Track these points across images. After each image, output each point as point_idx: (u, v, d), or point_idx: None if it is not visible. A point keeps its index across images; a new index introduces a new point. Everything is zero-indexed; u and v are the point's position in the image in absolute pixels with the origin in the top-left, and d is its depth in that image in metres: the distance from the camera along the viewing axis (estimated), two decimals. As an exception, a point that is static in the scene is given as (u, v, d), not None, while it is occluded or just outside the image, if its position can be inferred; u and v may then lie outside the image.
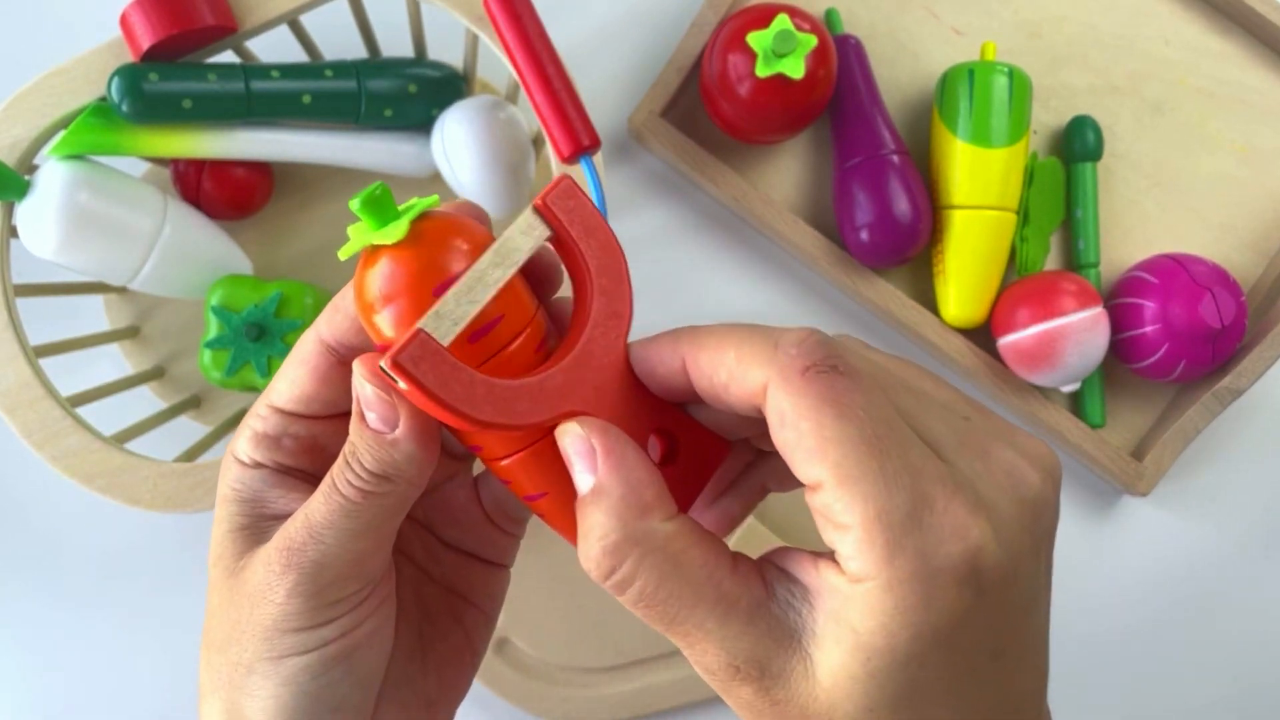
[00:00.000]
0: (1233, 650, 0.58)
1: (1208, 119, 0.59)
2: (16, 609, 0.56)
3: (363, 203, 0.25)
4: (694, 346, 0.26)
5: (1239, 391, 0.54)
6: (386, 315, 0.25)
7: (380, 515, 0.27)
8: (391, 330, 0.25)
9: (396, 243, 0.25)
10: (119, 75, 0.45)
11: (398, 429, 0.26)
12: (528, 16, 0.43)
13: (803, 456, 0.23)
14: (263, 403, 0.29)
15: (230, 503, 0.29)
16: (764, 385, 0.24)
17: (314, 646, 0.27)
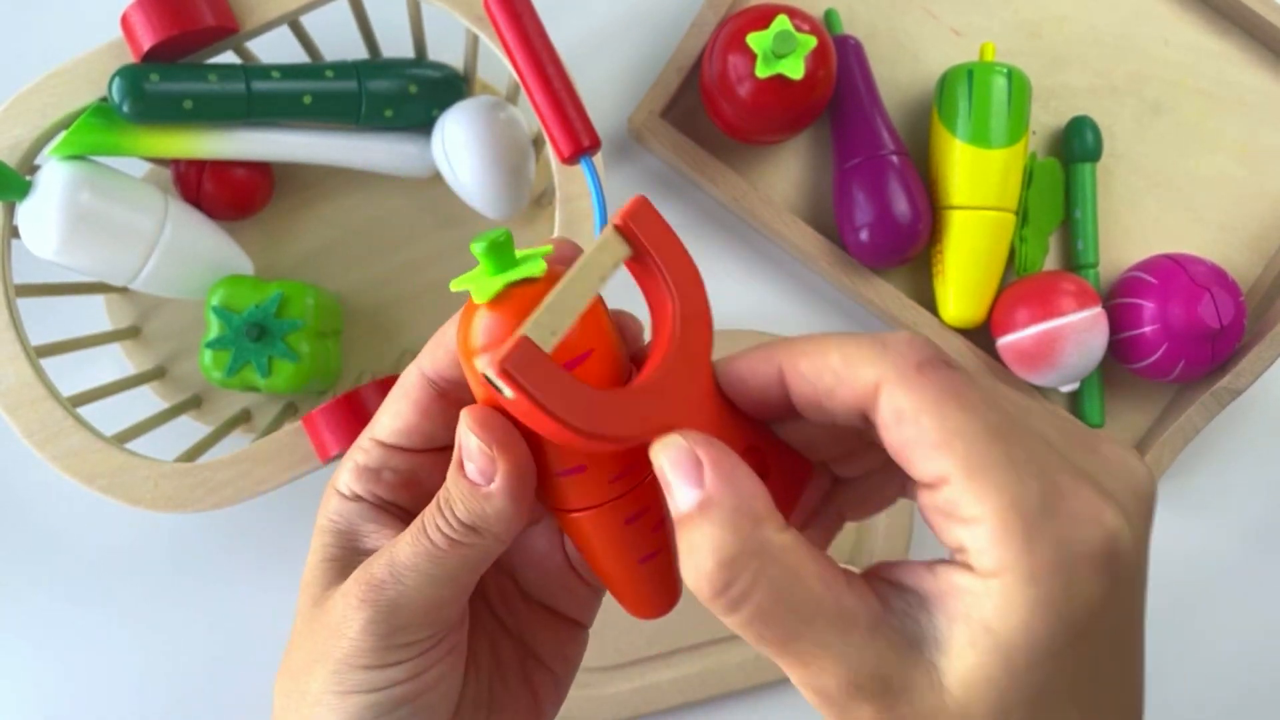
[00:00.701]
0: (1233, 649, 0.58)
1: (1207, 119, 0.59)
2: (17, 609, 0.56)
3: (486, 248, 0.25)
4: (791, 354, 0.25)
5: (1238, 391, 0.54)
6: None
7: (463, 566, 0.27)
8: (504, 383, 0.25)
9: (515, 288, 0.25)
10: (120, 76, 0.45)
11: (494, 483, 0.26)
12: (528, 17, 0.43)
13: (925, 452, 0.22)
14: (366, 436, 0.29)
15: (326, 534, 0.29)
16: (875, 385, 0.23)
17: (381, 686, 0.27)
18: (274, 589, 0.56)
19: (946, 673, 0.22)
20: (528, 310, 0.24)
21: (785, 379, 0.25)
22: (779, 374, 0.25)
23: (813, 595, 0.23)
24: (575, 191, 0.46)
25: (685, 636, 0.55)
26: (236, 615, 0.57)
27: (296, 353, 0.50)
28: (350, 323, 0.56)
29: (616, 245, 0.26)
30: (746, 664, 0.55)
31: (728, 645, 0.55)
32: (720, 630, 0.55)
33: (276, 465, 0.45)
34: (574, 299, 0.24)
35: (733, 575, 0.23)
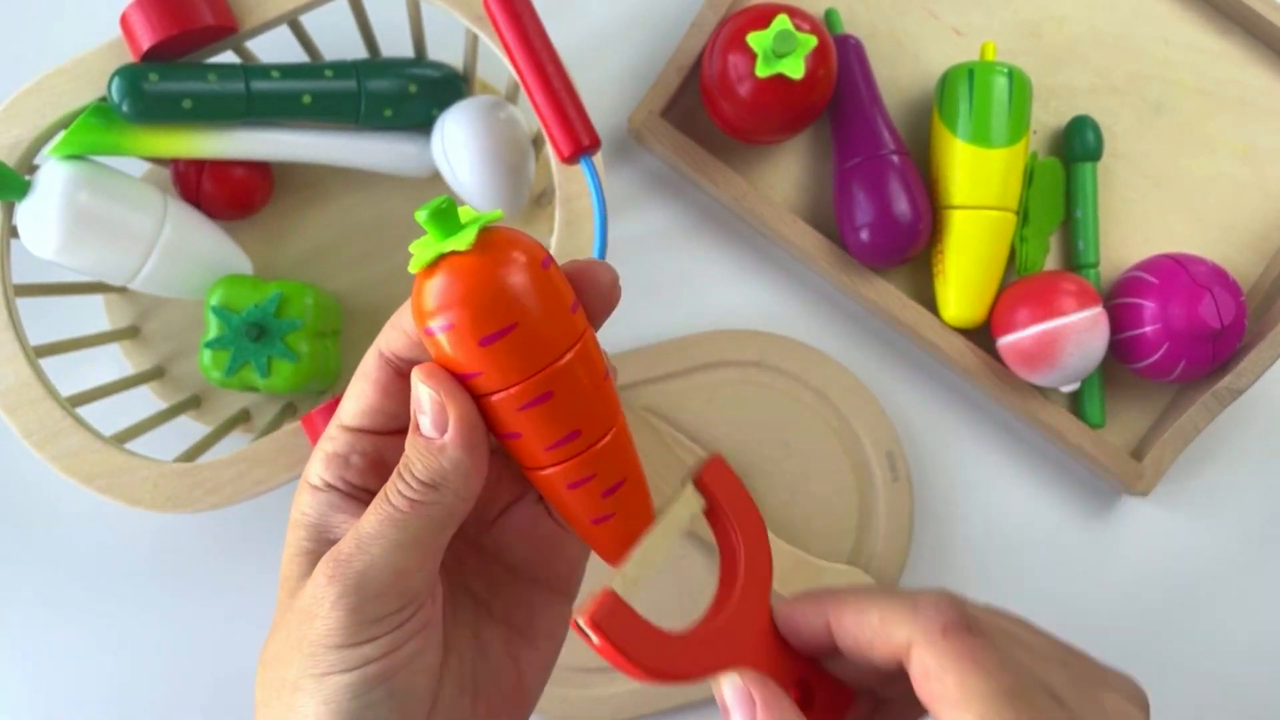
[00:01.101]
0: (1233, 649, 0.58)
1: (1208, 119, 0.59)
2: (17, 609, 0.56)
3: (430, 214, 0.26)
4: (838, 609, 0.29)
5: (1239, 391, 0.54)
6: (441, 321, 0.26)
7: (427, 528, 0.28)
8: (444, 337, 0.26)
9: (463, 251, 0.26)
10: (119, 75, 0.45)
11: (448, 434, 0.27)
12: (528, 16, 0.43)
13: (949, 707, 0.26)
14: (333, 425, 0.30)
15: (299, 527, 0.30)
16: (907, 643, 0.27)
17: (355, 665, 0.27)
18: (274, 588, 0.56)
19: None
20: (462, 275, 0.26)
21: (832, 629, 0.30)
22: (826, 624, 0.30)
23: None
24: (575, 191, 0.46)
25: (685, 637, 0.55)
26: (237, 614, 0.57)
27: (296, 352, 0.50)
28: (349, 323, 0.56)
29: (694, 500, 0.30)
30: (747, 664, 0.55)
31: (728, 646, 0.55)
32: (720, 630, 0.55)
33: (276, 465, 0.45)
34: (658, 555, 0.29)
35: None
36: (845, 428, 0.56)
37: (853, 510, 0.56)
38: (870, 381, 0.58)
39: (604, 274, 0.29)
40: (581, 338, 0.27)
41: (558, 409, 0.27)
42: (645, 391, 0.56)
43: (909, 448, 0.58)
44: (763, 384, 0.56)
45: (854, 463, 0.56)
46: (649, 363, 0.56)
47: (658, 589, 0.29)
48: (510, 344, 0.26)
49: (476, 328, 0.26)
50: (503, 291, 0.26)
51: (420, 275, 0.27)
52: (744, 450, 0.56)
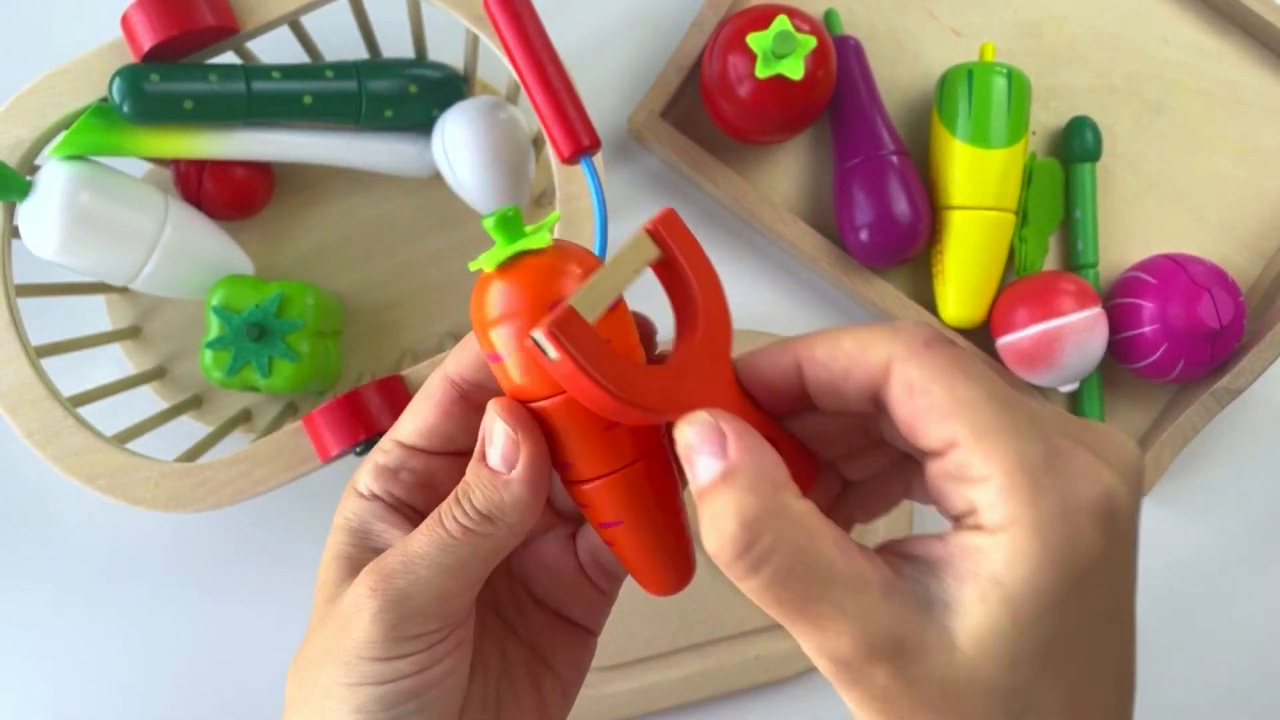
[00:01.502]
0: (1232, 648, 0.58)
1: (1206, 119, 0.59)
2: (17, 609, 0.56)
3: (496, 221, 0.27)
4: (807, 343, 0.27)
5: (1237, 391, 0.54)
6: (503, 331, 0.27)
7: (475, 557, 0.28)
8: (504, 347, 0.27)
9: (524, 259, 0.27)
10: (120, 76, 0.45)
11: (515, 470, 0.27)
12: (528, 17, 0.43)
13: (936, 418, 0.24)
14: (388, 438, 0.30)
15: (340, 531, 0.30)
16: (886, 363, 0.25)
17: (389, 679, 0.27)
18: (274, 588, 0.57)
19: (957, 632, 0.23)
20: (537, 279, 0.26)
21: (801, 367, 0.27)
22: (795, 364, 0.27)
23: (829, 558, 0.24)
24: (575, 191, 0.46)
25: (685, 636, 0.55)
26: (237, 614, 0.57)
27: (296, 353, 0.50)
28: (350, 323, 0.56)
29: (647, 246, 0.28)
30: (746, 664, 0.55)
31: (728, 645, 0.55)
32: (720, 630, 0.55)
33: (277, 465, 0.45)
34: (611, 283, 0.26)
35: (754, 536, 0.24)
36: (845, 427, 0.56)
37: (852, 510, 0.56)
38: (870, 381, 0.58)
39: (646, 326, 0.30)
40: (636, 347, 0.28)
41: (620, 435, 0.27)
42: (645, 391, 0.56)
43: (908, 447, 0.58)
44: (762, 384, 0.57)
45: (854, 462, 0.56)
46: (649, 363, 0.56)
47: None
48: None
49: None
50: (560, 298, 0.26)
51: (479, 284, 0.27)
52: (744, 450, 0.56)
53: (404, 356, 0.56)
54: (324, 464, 0.45)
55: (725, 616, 0.55)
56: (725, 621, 0.55)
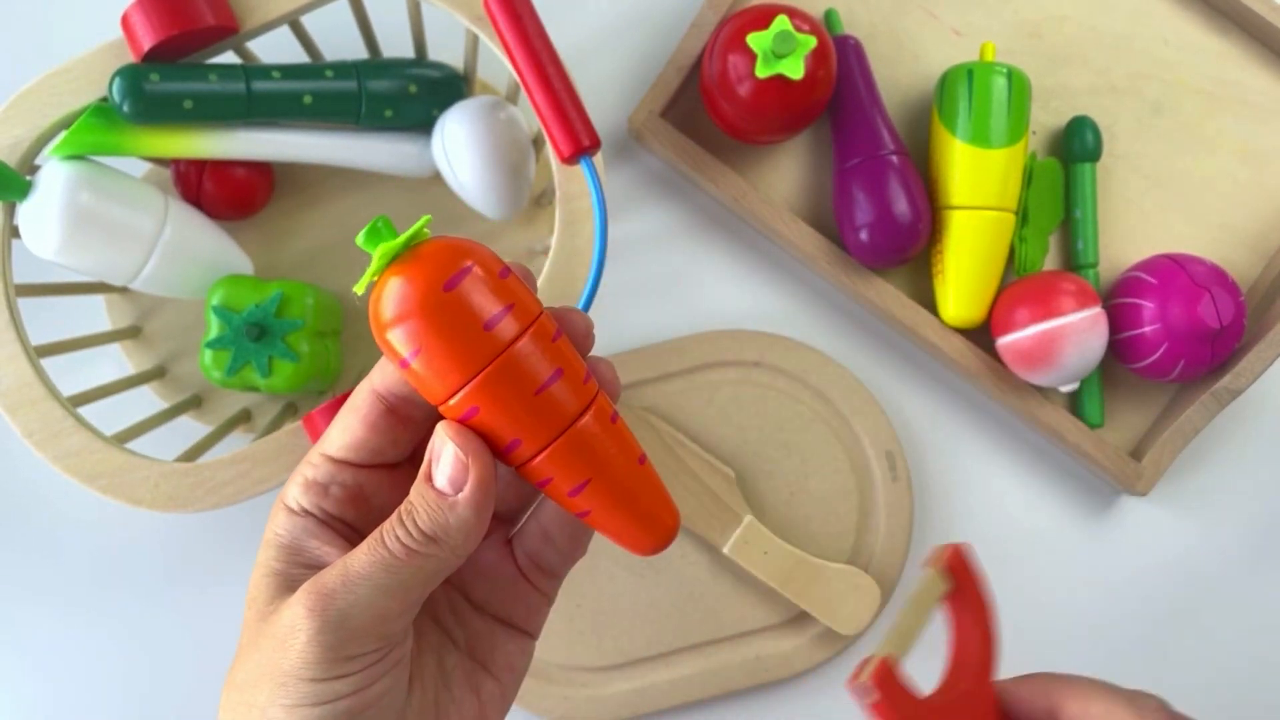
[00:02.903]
0: (1231, 649, 0.58)
1: (1207, 119, 0.59)
2: (18, 609, 0.56)
3: (366, 235, 0.28)
4: (1062, 694, 0.34)
5: (1237, 391, 0.54)
6: (399, 332, 0.27)
7: (417, 578, 0.28)
8: (404, 348, 0.27)
9: (401, 259, 0.28)
10: (120, 76, 0.45)
11: (462, 492, 0.27)
12: (528, 17, 0.43)
13: None
14: (315, 451, 0.30)
15: (271, 547, 0.30)
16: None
17: (327, 699, 0.27)
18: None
19: None
20: (417, 271, 0.27)
21: (1056, 712, 0.34)
22: (1049, 707, 0.34)
23: None
24: (575, 191, 0.46)
25: (685, 636, 0.55)
26: (237, 614, 0.57)
27: (296, 352, 0.50)
28: (350, 322, 0.56)
29: (939, 582, 0.37)
30: (747, 664, 0.55)
31: (728, 645, 0.55)
32: (720, 630, 0.55)
33: (277, 465, 0.45)
34: (912, 623, 0.36)
35: None
36: (845, 428, 0.56)
37: (852, 510, 0.56)
38: (870, 381, 0.58)
39: (580, 322, 0.30)
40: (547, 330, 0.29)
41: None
42: (645, 391, 0.56)
43: (908, 448, 0.58)
44: (763, 384, 0.57)
45: (854, 463, 0.56)
46: (649, 363, 0.56)
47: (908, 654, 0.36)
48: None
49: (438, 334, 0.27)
50: (452, 277, 0.27)
51: (373, 294, 0.28)
52: (744, 450, 0.56)
53: (404, 356, 0.56)
54: (324, 464, 0.45)
55: (725, 616, 0.55)
56: (725, 622, 0.55)
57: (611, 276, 0.57)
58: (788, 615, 0.55)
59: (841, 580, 0.54)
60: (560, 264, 0.45)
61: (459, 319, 0.27)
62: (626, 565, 0.55)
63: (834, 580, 0.54)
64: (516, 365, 0.28)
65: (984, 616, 0.37)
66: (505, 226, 0.57)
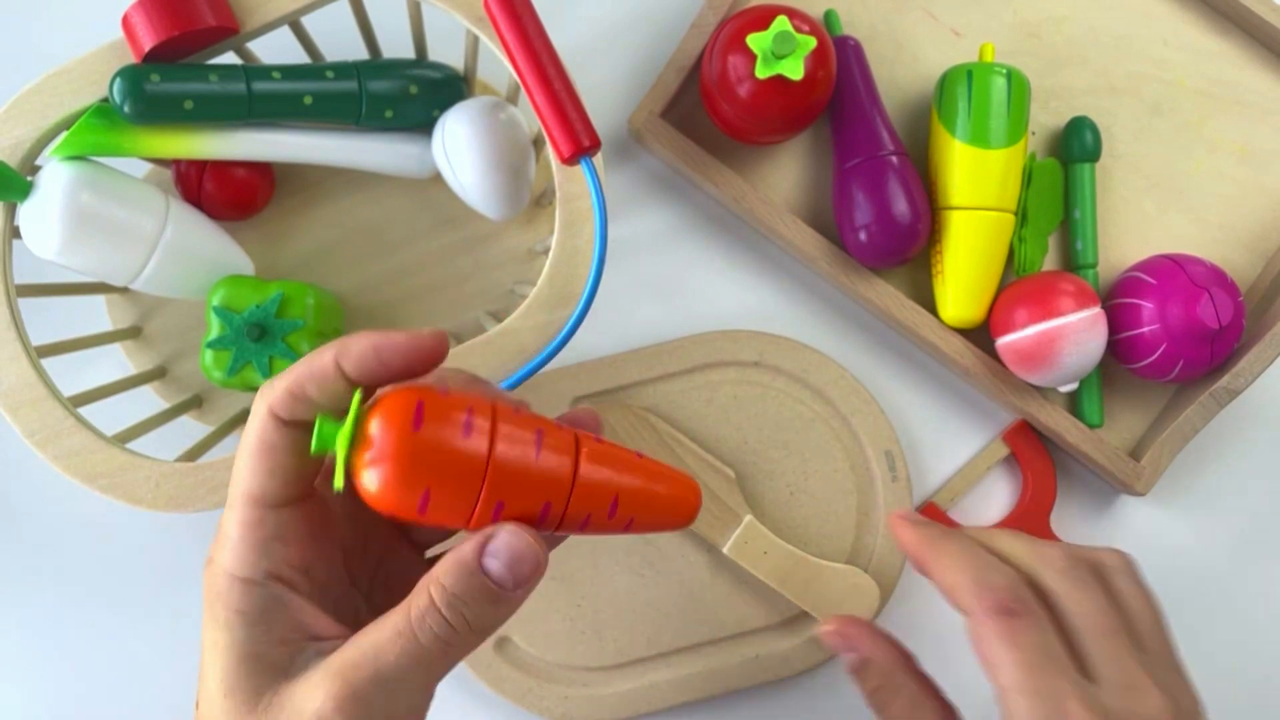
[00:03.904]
0: (1231, 648, 0.58)
1: (1206, 120, 0.59)
2: (18, 609, 0.57)
3: (319, 441, 0.28)
4: (935, 560, 0.38)
5: (1236, 392, 0.54)
6: (399, 490, 0.28)
7: (450, 665, 0.27)
8: (413, 499, 0.28)
9: (359, 438, 0.29)
10: (121, 76, 0.45)
11: (523, 585, 0.27)
12: (528, 17, 0.43)
13: (986, 670, 0.35)
14: (250, 508, 0.29)
15: (237, 628, 0.27)
16: (967, 611, 0.36)
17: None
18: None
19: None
20: (383, 432, 0.29)
21: (928, 574, 0.39)
22: (925, 570, 0.39)
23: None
24: (575, 191, 0.46)
25: (685, 636, 0.55)
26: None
27: (297, 353, 0.50)
28: (350, 323, 0.56)
29: (1000, 448, 0.54)
30: (746, 664, 0.55)
31: (728, 645, 0.56)
32: (721, 630, 0.55)
33: (277, 465, 0.45)
34: (972, 477, 0.54)
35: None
36: (845, 428, 0.57)
37: (852, 510, 0.56)
38: (869, 381, 0.58)
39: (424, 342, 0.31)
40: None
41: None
42: (645, 391, 0.56)
43: (907, 447, 0.58)
44: (763, 384, 0.57)
45: (853, 462, 0.56)
46: (649, 363, 0.56)
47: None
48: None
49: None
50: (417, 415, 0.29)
51: (354, 476, 0.29)
52: (744, 450, 0.56)
53: (404, 356, 0.56)
54: (324, 464, 0.45)
55: (725, 616, 0.55)
56: (725, 622, 0.55)
57: (611, 276, 0.58)
58: (787, 615, 0.55)
59: (841, 580, 0.54)
60: (560, 264, 0.46)
61: (442, 443, 0.29)
62: (627, 565, 0.56)
63: (833, 580, 0.54)
64: (510, 447, 0.30)
65: (1045, 471, 0.53)
66: (505, 227, 0.57)
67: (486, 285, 0.57)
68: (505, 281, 0.57)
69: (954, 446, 0.59)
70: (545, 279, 0.46)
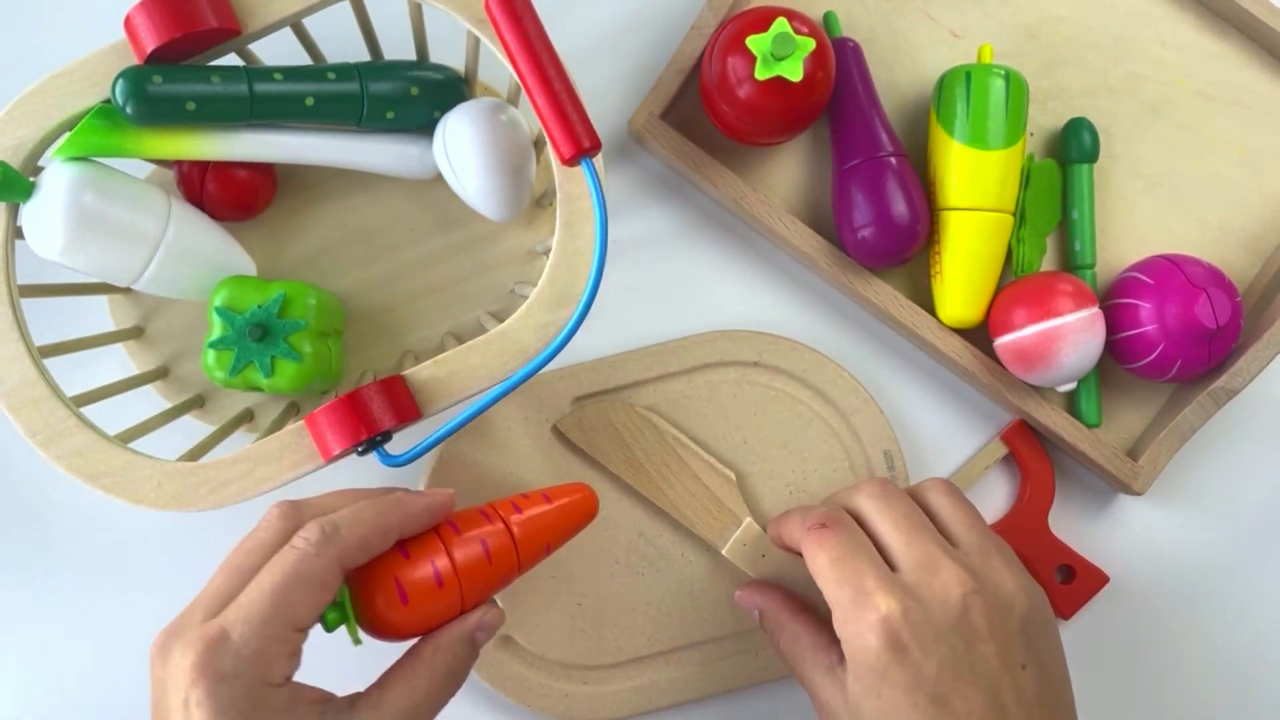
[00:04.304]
0: (1229, 648, 0.59)
1: (1204, 120, 0.59)
2: (18, 609, 0.57)
3: (330, 624, 0.41)
4: (776, 526, 0.50)
5: (1234, 391, 0.55)
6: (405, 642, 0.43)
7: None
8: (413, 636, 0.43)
9: (363, 616, 0.42)
10: (123, 77, 0.46)
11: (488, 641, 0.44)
12: (528, 19, 0.43)
13: (814, 575, 0.44)
14: (288, 628, 0.38)
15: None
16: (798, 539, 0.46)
17: None
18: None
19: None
20: (381, 614, 0.41)
21: (782, 540, 0.50)
22: (778, 537, 0.50)
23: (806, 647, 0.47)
24: (576, 192, 0.46)
25: (685, 635, 0.56)
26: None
27: (299, 353, 0.50)
28: (352, 323, 0.56)
29: (998, 448, 0.58)
30: (746, 662, 0.55)
31: (728, 644, 0.56)
32: (720, 629, 0.56)
33: (279, 464, 0.45)
34: (974, 473, 0.58)
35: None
36: (844, 427, 0.57)
37: (851, 509, 0.56)
38: (869, 381, 0.58)
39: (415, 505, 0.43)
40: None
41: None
42: (645, 391, 0.56)
43: (906, 447, 0.58)
44: (763, 384, 0.57)
45: (853, 462, 0.57)
46: (649, 363, 0.56)
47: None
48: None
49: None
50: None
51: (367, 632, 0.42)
52: (744, 450, 0.56)
53: (405, 357, 0.56)
54: (326, 463, 0.45)
55: (725, 615, 0.56)
56: (725, 620, 0.56)
57: (612, 277, 0.58)
58: (787, 614, 0.56)
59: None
60: (561, 265, 0.46)
61: (424, 601, 0.41)
62: (627, 565, 0.56)
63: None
64: (472, 572, 0.42)
65: (1043, 473, 0.56)
66: (506, 227, 0.57)
67: (487, 286, 0.57)
68: (506, 282, 0.57)
69: (952, 446, 0.59)
70: (546, 279, 0.46)
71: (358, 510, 0.40)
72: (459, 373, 0.45)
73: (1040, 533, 0.57)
